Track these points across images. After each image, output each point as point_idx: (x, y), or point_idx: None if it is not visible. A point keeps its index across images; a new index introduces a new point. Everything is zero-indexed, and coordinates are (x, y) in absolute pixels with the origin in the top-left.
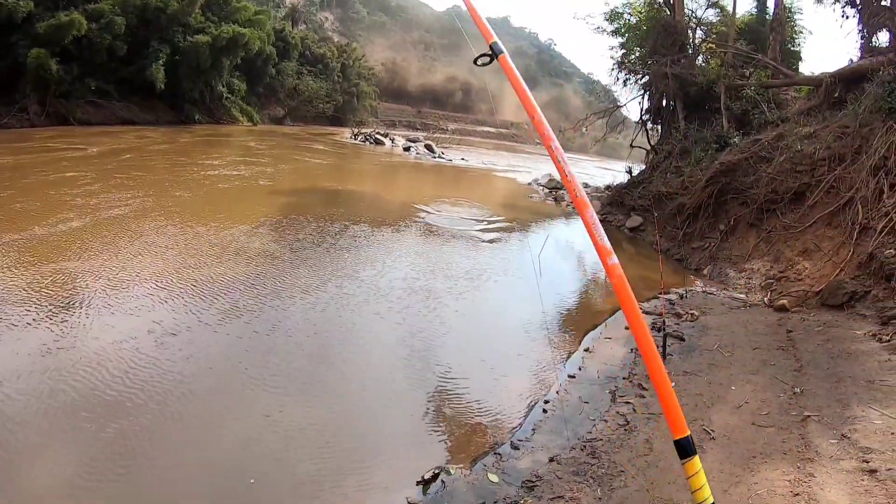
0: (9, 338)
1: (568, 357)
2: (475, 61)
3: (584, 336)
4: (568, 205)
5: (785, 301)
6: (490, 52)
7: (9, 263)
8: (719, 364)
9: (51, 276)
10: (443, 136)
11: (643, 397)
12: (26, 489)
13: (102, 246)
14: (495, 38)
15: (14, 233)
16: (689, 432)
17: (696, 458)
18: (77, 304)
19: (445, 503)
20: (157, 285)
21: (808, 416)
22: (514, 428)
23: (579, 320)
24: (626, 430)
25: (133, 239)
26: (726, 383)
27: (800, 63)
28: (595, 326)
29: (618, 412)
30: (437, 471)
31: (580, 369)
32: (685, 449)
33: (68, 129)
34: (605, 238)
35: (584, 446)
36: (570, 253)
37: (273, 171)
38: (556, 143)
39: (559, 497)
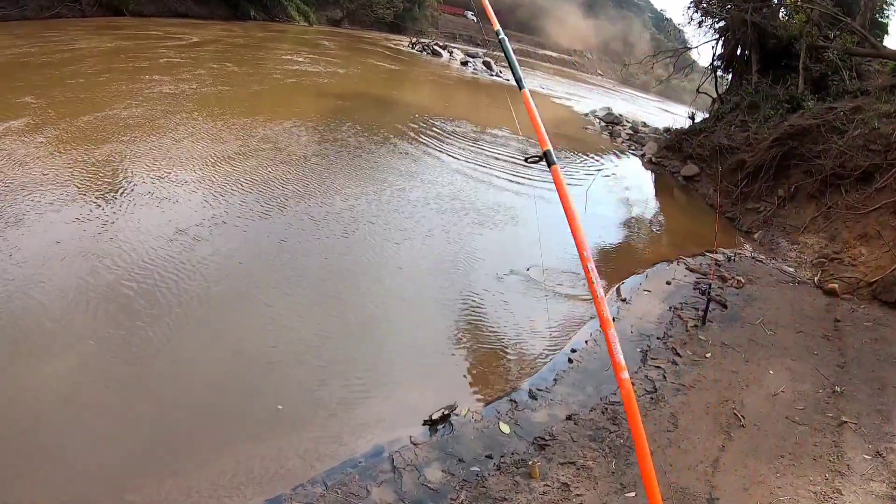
0: (42, 220)
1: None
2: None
3: (621, 284)
4: (623, 142)
5: (836, 285)
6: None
7: (64, 143)
8: (760, 342)
9: (98, 158)
10: (502, 54)
11: (675, 364)
12: (41, 373)
13: (157, 133)
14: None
15: (88, 114)
16: None
17: None
18: (112, 190)
19: (450, 449)
20: (199, 178)
21: (846, 421)
22: (534, 373)
23: (619, 266)
24: (652, 398)
25: (194, 127)
26: (764, 365)
27: (885, 37)
28: (634, 275)
29: (646, 376)
30: (445, 412)
31: (613, 320)
32: None
33: (147, 19)
34: (622, 355)
35: (606, 409)
36: (617, 192)
37: (344, 71)
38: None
39: (571, 463)
